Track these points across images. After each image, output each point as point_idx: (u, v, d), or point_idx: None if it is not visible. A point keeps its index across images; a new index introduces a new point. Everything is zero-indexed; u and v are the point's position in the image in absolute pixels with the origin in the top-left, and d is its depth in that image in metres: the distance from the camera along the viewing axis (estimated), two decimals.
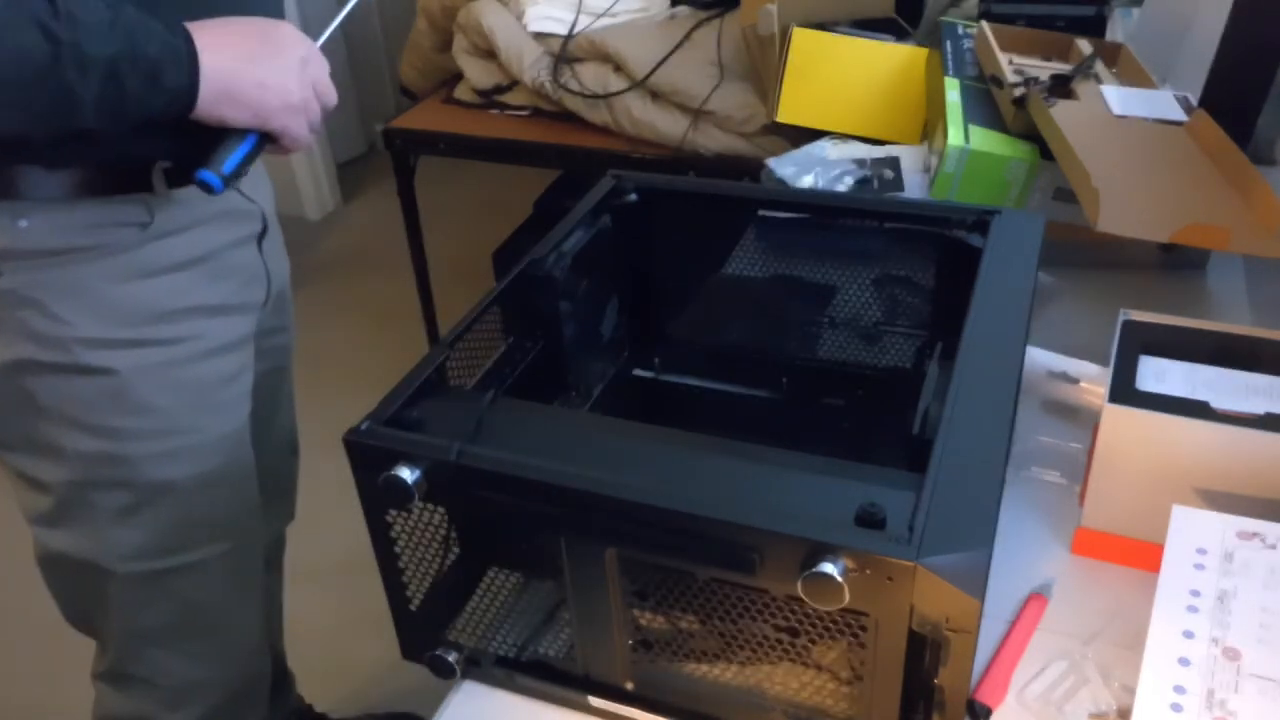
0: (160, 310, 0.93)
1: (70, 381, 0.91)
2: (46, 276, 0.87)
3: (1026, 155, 1.24)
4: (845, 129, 1.57)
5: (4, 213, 0.85)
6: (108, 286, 0.89)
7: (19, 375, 0.91)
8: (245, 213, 1.03)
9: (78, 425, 0.93)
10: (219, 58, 0.82)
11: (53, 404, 0.92)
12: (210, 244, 0.97)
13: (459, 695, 0.77)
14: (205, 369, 0.98)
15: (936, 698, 0.62)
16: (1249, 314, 1.20)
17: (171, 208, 0.92)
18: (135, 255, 0.90)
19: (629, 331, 1.04)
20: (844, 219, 0.94)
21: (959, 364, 0.71)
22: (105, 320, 0.90)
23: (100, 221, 0.88)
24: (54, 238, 0.86)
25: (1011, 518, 0.87)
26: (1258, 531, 0.70)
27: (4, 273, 0.86)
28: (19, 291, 0.87)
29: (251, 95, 0.84)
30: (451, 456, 0.65)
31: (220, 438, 1.02)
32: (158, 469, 0.97)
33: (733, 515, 0.60)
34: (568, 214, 0.95)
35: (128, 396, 0.93)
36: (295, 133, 0.90)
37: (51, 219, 0.86)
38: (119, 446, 0.95)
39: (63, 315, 0.88)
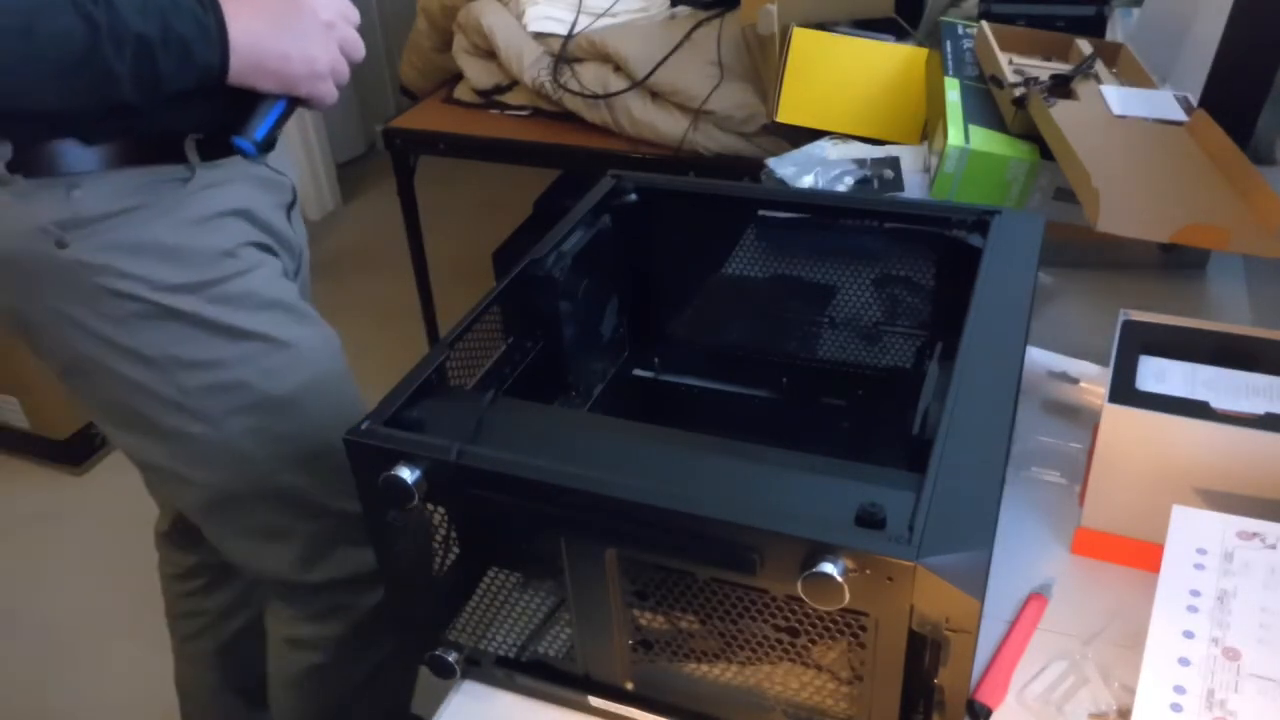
0: (222, 248, 0.97)
1: (163, 328, 0.95)
2: (108, 239, 0.91)
3: (1026, 155, 1.24)
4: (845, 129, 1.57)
5: (55, 187, 0.88)
6: (168, 236, 0.93)
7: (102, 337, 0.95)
8: (277, 182, 1.06)
9: (182, 365, 0.97)
10: (247, 30, 0.86)
11: (155, 354, 0.96)
12: (250, 201, 1.01)
13: (459, 695, 0.77)
14: (279, 287, 1.04)
15: (936, 698, 0.62)
16: (1249, 314, 1.20)
17: (212, 167, 0.96)
18: (184, 206, 0.94)
19: (629, 331, 1.04)
20: (844, 219, 0.94)
21: (959, 364, 0.71)
22: (176, 266, 0.94)
23: (143, 182, 0.92)
24: (105, 202, 0.90)
25: (1011, 518, 0.87)
26: (1258, 531, 0.70)
27: (70, 244, 0.90)
28: (88, 260, 0.91)
29: (278, 66, 0.88)
30: (451, 456, 0.65)
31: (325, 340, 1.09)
32: (270, 383, 1.01)
33: (733, 515, 0.60)
34: (568, 214, 0.95)
35: (220, 328, 0.97)
36: (322, 96, 0.94)
37: (99, 185, 0.89)
38: (228, 374, 0.99)
39: (135, 271, 0.92)
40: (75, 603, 1.92)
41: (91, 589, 1.95)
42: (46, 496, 2.17)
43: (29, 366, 2.06)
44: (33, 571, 1.99)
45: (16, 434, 2.20)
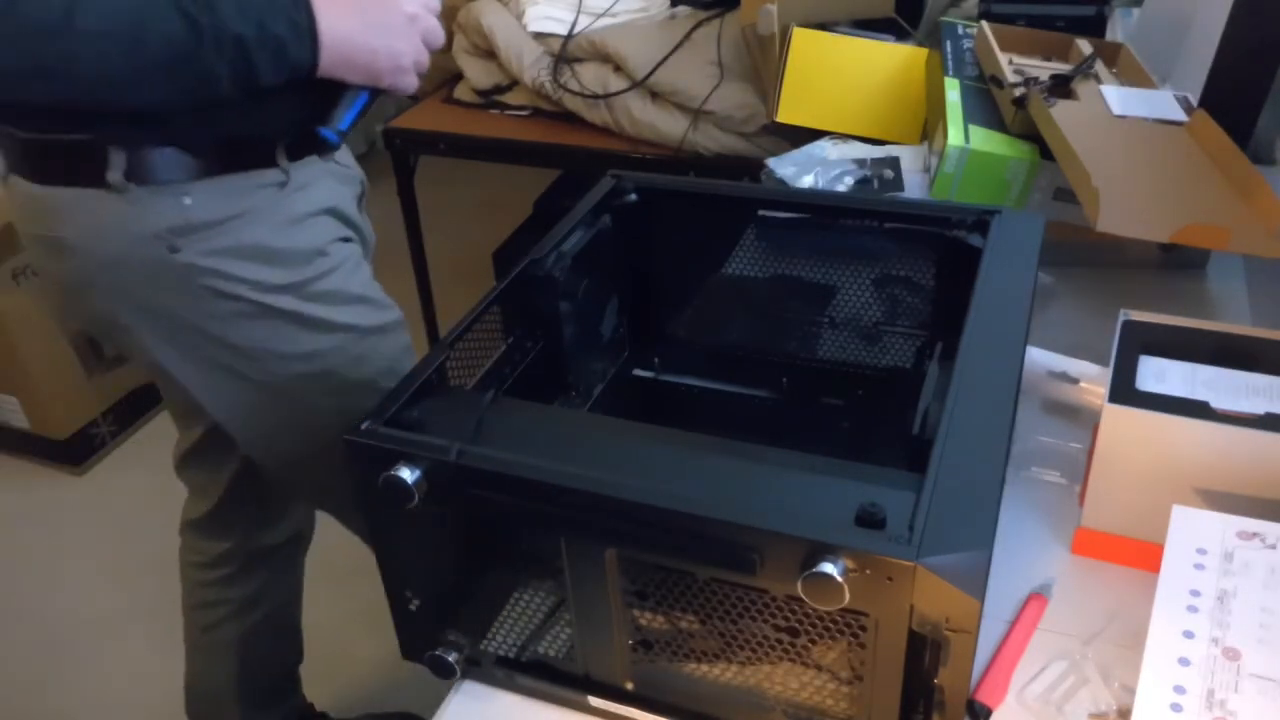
0: (315, 246, 1.04)
1: (262, 325, 1.02)
2: (217, 244, 0.97)
3: (1026, 155, 1.24)
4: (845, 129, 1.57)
5: (168, 194, 0.94)
6: (269, 239, 1.00)
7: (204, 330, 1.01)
8: (350, 175, 1.12)
9: (276, 356, 1.04)
10: (336, 28, 0.90)
11: (252, 348, 1.03)
12: (334, 198, 1.07)
13: (459, 695, 0.77)
14: (362, 280, 1.10)
15: (936, 698, 0.62)
16: (1249, 314, 1.20)
17: (299, 167, 1.02)
18: (281, 209, 1.00)
19: (629, 331, 1.04)
20: (844, 219, 0.94)
21: (959, 364, 0.71)
22: (276, 268, 1.01)
23: (245, 187, 0.97)
24: (214, 209, 0.96)
25: (1011, 518, 0.87)
26: (1258, 531, 0.70)
27: (181, 249, 0.95)
28: (198, 264, 0.97)
29: (366, 61, 0.93)
30: (451, 456, 0.65)
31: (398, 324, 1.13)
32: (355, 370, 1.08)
33: (733, 515, 0.60)
34: (568, 214, 0.95)
35: (313, 323, 1.04)
36: (405, 87, 0.98)
37: (208, 192, 0.95)
38: (319, 363, 1.05)
39: (240, 274, 0.99)
40: (75, 603, 1.92)
41: (91, 589, 1.95)
42: (46, 496, 2.17)
43: (29, 366, 2.06)
44: (33, 571, 1.99)
45: (16, 434, 2.20)
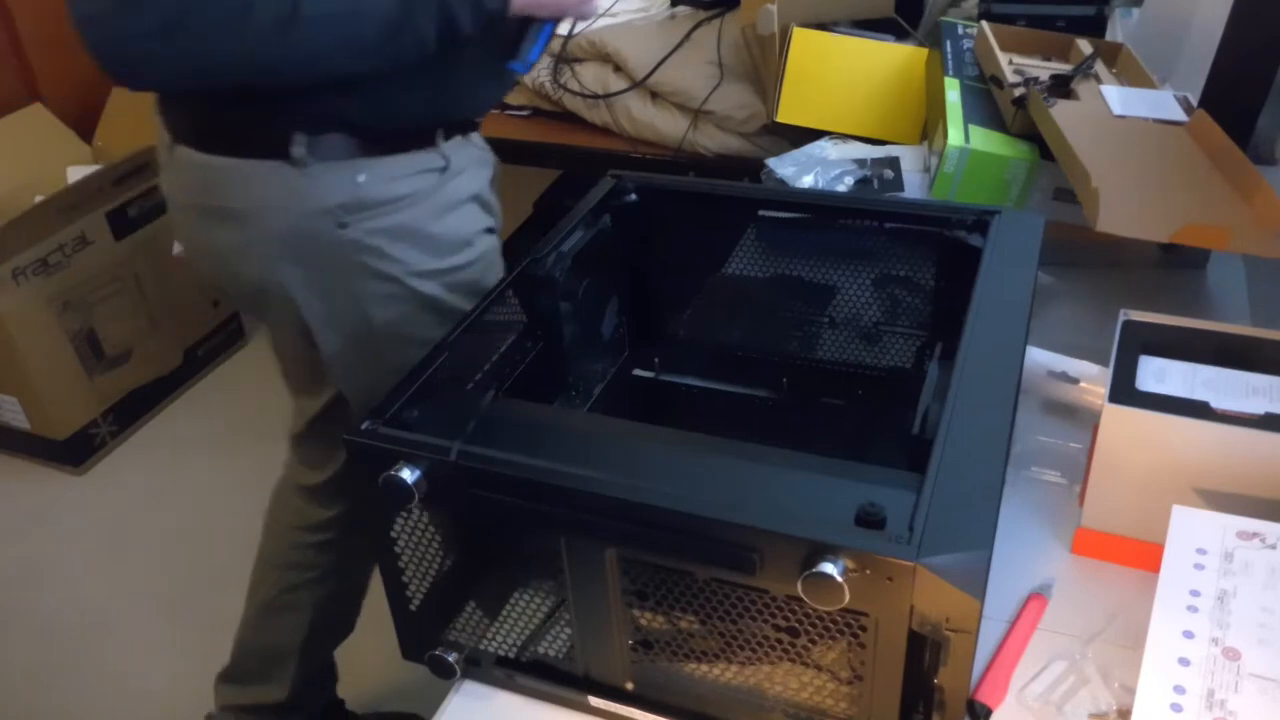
0: (464, 237, 1.09)
1: (401, 308, 1.07)
2: (381, 223, 1.02)
3: (1026, 155, 1.24)
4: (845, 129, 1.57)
5: (344, 172, 0.99)
6: (426, 225, 1.05)
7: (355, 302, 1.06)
8: (488, 159, 1.15)
9: (402, 339, 1.07)
10: None
11: (387, 324, 1.07)
12: (479, 183, 1.12)
13: (459, 695, 0.77)
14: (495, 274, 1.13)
15: (936, 698, 0.62)
16: (1249, 314, 1.20)
17: (454, 150, 1.07)
18: (440, 195, 1.05)
19: (629, 331, 1.04)
20: (844, 219, 0.94)
21: (959, 364, 0.71)
22: (430, 255, 1.06)
23: (413, 170, 1.03)
24: (384, 188, 1.01)
25: (1011, 518, 0.87)
26: (1258, 531, 0.70)
27: (349, 225, 1.01)
28: (362, 240, 1.02)
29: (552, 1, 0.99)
30: (451, 456, 0.65)
31: None
32: None
33: (733, 515, 0.60)
34: (568, 214, 0.95)
35: (446, 311, 1.07)
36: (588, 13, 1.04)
37: (380, 172, 1.01)
38: None
39: (396, 255, 1.04)
40: (75, 603, 1.92)
41: (91, 589, 1.95)
42: (46, 496, 2.17)
43: (29, 366, 2.06)
44: (33, 571, 1.99)
45: (16, 434, 2.20)
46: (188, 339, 2.42)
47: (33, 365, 2.07)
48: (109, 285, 2.19)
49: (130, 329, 2.26)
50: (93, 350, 2.19)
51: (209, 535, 2.05)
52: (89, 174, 2.09)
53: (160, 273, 2.29)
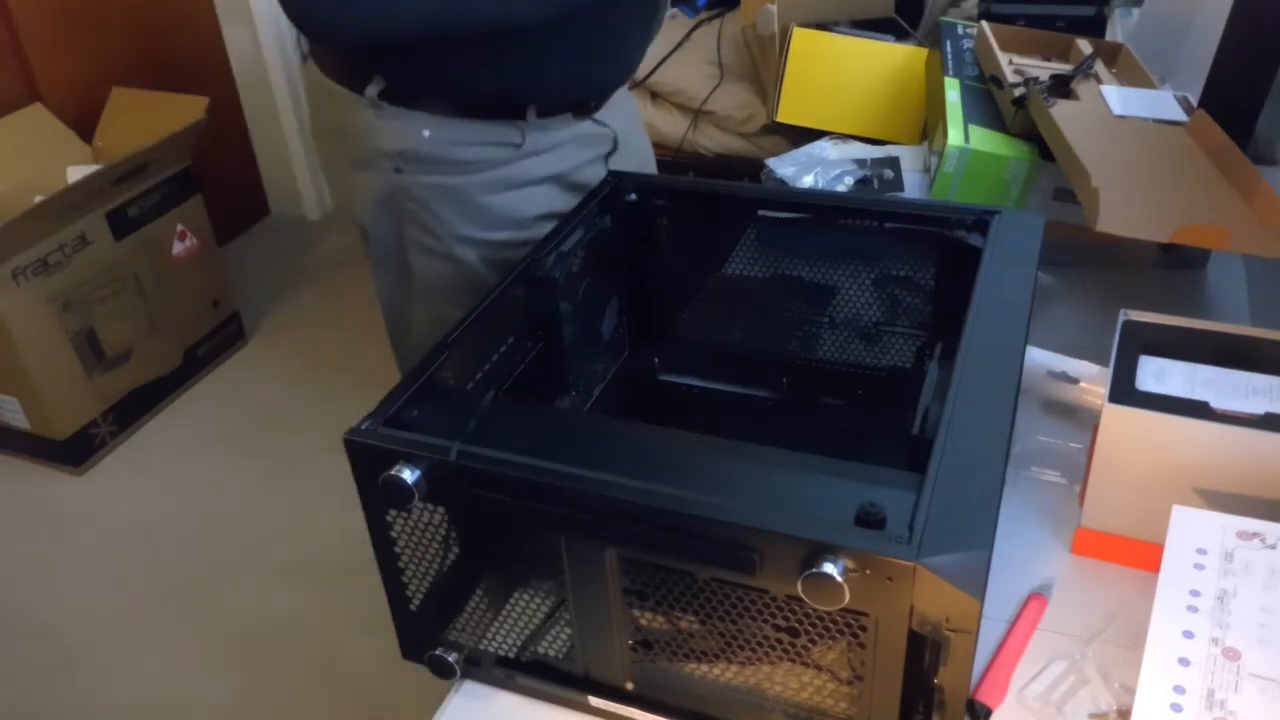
0: (520, 217, 1.09)
1: (437, 263, 1.10)
2: (434, 181, 1.05)
3: (1026, 155, 1.25)
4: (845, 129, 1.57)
5: (414, 121, 1.02)
6: (481, 196, 1.06)
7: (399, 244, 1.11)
8: (599, 136, 1.16)
9: (434, 294, 1.12)
10: None
11: (422, 274, 1.11)
12: (566, 163, 1.12)
13: (459, 695, 0.77)
14: None
15: (936, 698, 0.62)
16: (1249, 314, 1.20)
17: (539, 133, 1.07)
18: (506, 170, 1.07)
19: (629, 331, 1.04)
20: (844, 219, 0.94)
21: (959, 364, 0.71)
22: (475, 223, 1.07)
23: (484, 139, 1.04)
24: (445, 148, 1.03)
25: (1011, 518, 0.87)
26: (1258, 531, 0.70)
27: (404, 171, 1.04)
28: (411, 191, 1.05)
29: None
30: (451, 456, 0.65)
31: None
32: None
33: (733, 515, 0.60)
34: (568, 214, 0.95)
35: (482, 281, 1.08)
36: None
37: (447, 132, 1.03)
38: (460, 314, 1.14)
39: (442, 215, 1.07)
40: (75, 603, 1.92)
41: (91, 589, 1.95)
42: (46, 496, 2.17)
43: (29, 366, 2.06)
44: (33, 571, 1.99)
45: (16, 434, 2.20)
46: (188, 339, 2.42)
47: (33, 365, 2.07)
48: (109, 285, 2.19)
49: (130, 329, 2.26)
50: (93, 350, 2.19)
51: (209, 535, 2.05)
52: (89, 174, 2.09)
53: (160, 273, 2.29)
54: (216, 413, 2.39)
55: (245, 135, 3.01)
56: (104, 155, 2.34)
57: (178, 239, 2.33)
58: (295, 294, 2.78)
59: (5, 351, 2.04)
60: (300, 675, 1.75)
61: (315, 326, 2.66)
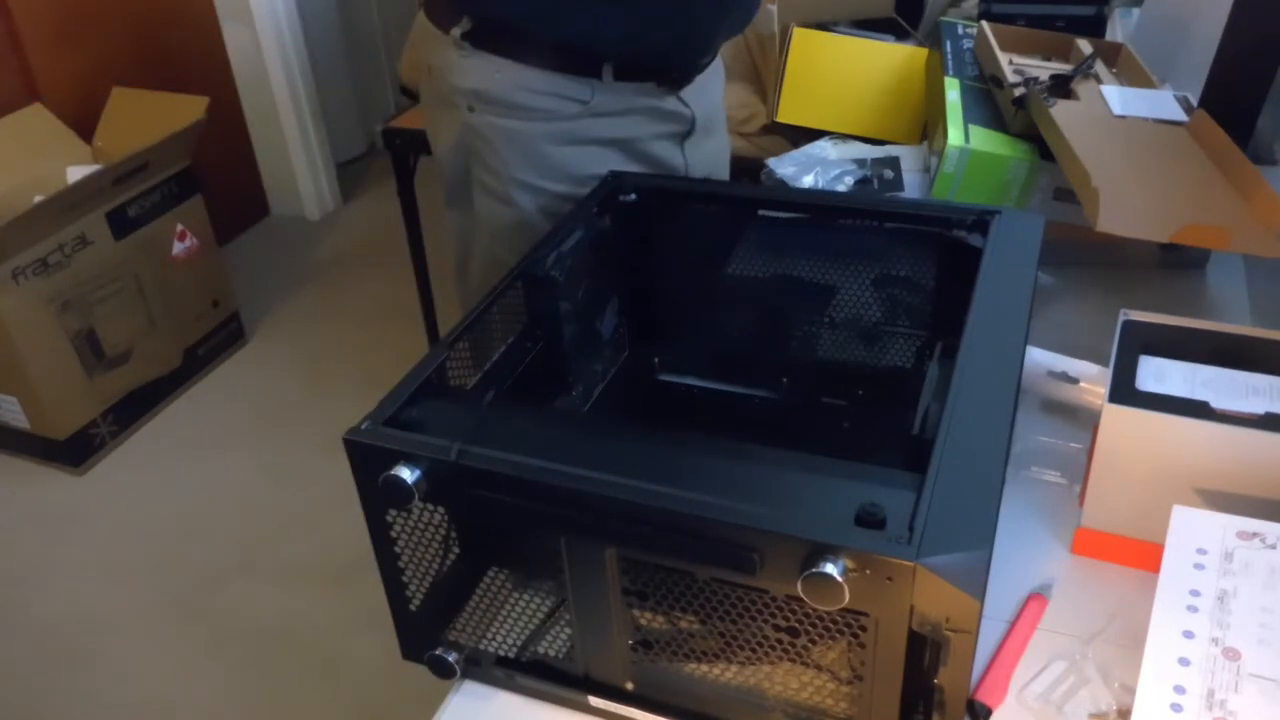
0: (579, 173, 1.10)
1: (494, 204, 1.13)
2: (502, 124, 1.09)
3: (1026, 155, 1.24)
4: (845, 129, 1.57)
5: (486, 62, 1.07)
6: (544, 145, 1.10)
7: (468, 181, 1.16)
8: (675, 114, 1.17)
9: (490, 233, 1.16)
10: None
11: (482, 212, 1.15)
12: (635, 132, 1.14)
13: (459, 695, 0.77)
14: None
15: (936, 698, 0.62)
16: (1249, 314, 1.20)
17: (609, 95, 1.10)
18: (572, 125, 1.10)
19: (629, 331, 1.04)
20: (844, 219, 0.94)
21: (959, 364, 0.71)
22: (533, 170, 1.11)
23: (552, 90, 1.07)
24: (511, 93, 1.07)
25: (1011, 518, 0.87)
26: (1258, 531, 0.70)
27: (476, 110, 1.09)
28: (480, 130, 1.10)
29: None
30: (451, 456, 0.65)
31: None
32: None
33: (733, 515, 0.60)
34: (568, 214, 0.95)
35: (534, 229, 1.11)
36: None
37: (517, 77, 1.07)
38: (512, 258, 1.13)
39: (505, 157, 1.11)
40: (75, 603, 1.92)
41: (91, 589, 1.94)
42: (46, 496, 2.17)
43: (29, 366, 2.06)
44: (33, 571, 1.99)
45: (16, 434, 2.20)
46: (188, 339, 2.42)
47: (33, 365, 2.07)
48: (109, 285, 2.19)
49: (130, 329, 2.26)
50: (93, 350, 2.19)
51: (209, 535, 2.05)
52: (89, 174, 2.09)
53: (160, 273, 2.29)
54: (216, 413, 2.39)
55: (245, 135, 3.01)
56: (104, 155, 2.34)
57: (178, 239, 2.33)
58: (295, 294, 2.78)
59: (5, 351, 2.04)
60: (300, 675, 1.75)
61: (315, 326, 2.66)
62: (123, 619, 1.88)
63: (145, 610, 1.90)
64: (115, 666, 1.80)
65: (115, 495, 2.17)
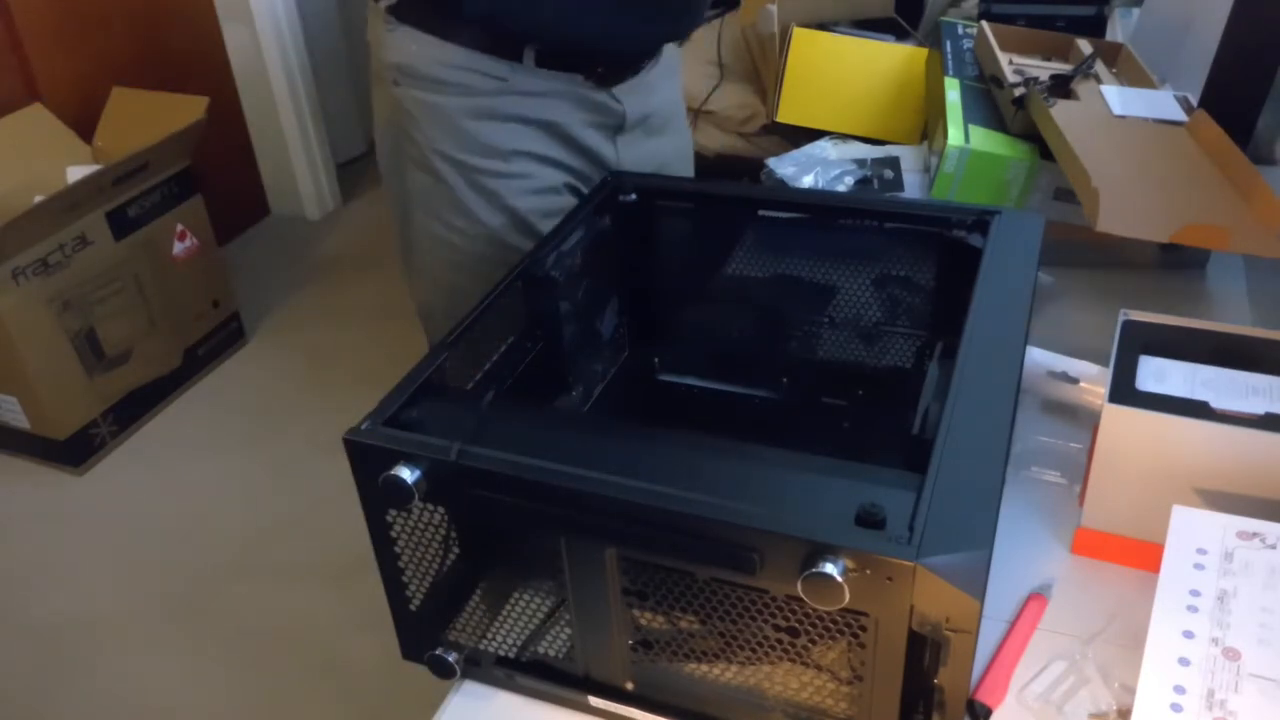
0: (503, 148, 1.11)
1: (421, 176, 1.14)
2: (420, 97, 1.09)
3: (1026, 155, 1.25)
4: (845, 129, 1.57)
5: (408, 38, 1.07)
6: (463, 120, 1.10)
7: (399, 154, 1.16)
8: (604, 106, 1.15)
9: (422, 208, 1.16)
10: None
11: (410, 187, 1.16)
12: (560, 115, 1.13)
13: (459, 695, 0.77)
14: (526, 201, 1.14)
15: (936, 698, 0.62)
16: (1249, 314, 1.20)
17: (530, 77, 1.09)
18: (491, 101, 1.09)
19: (629, 331, 1.04)
20: (844, 219, 0.94)
21: (959, 364, 0.71)
22: (455, 144, 1.11)
23: (470, 66, 1.07)
24: (428, 67, 1.07)
25: (1011, 518, 0.87)
26: (1258, 531, 0.70)
27: (401, 85, 1.10)
28: (404, 104, 1.11)
29: None
30: (451, 456, 0.65)
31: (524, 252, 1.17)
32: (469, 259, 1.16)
33: (733, 515, 0.60)
34: (568, 214, 0.95)
35: (460, 202, 1.13)
36: None
37: (437, 52, 1.07)
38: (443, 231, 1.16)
39: (426, 130, 1.11)
40: (75, 603, 1.92)
41: (91, 589, 1.95)
42: (46, 496, 2.17)
43: (29, 366, 2.06)
44: (33, 571, 1.99)
45: (16, 434, 2.20)
46: (188, 339, 2.42)
47: (33, 365, 2.07)
48: (109, 285, 2.19)
49: (130, 329, 2.26)
50: (93, 350, 2.19)
51: (209, 535, 2.05)
52: (89, 174, 2.09)
53: (160, 273, 2.29)
54: (216, 413, 2.39)
55: (245, 135, 3.01)
56: (104, 155, 2.34)
57: (178, 239, 2.33)
58: (295, 294, 2.78)
59: (5, 351, 2.04)
60: (300, 675, 1.75)
61: (315, 326, 2.66)
62: (123, 619, 1.88)
63: (145, 610, 1.90)
64: (115, 666, 1.80)
65: (115, 495, 2.17)
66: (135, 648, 1.83)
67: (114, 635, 1.86)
